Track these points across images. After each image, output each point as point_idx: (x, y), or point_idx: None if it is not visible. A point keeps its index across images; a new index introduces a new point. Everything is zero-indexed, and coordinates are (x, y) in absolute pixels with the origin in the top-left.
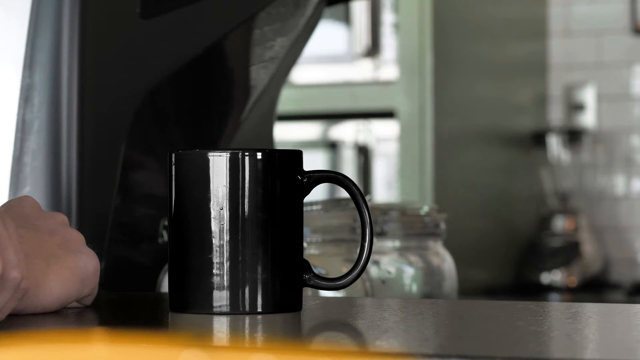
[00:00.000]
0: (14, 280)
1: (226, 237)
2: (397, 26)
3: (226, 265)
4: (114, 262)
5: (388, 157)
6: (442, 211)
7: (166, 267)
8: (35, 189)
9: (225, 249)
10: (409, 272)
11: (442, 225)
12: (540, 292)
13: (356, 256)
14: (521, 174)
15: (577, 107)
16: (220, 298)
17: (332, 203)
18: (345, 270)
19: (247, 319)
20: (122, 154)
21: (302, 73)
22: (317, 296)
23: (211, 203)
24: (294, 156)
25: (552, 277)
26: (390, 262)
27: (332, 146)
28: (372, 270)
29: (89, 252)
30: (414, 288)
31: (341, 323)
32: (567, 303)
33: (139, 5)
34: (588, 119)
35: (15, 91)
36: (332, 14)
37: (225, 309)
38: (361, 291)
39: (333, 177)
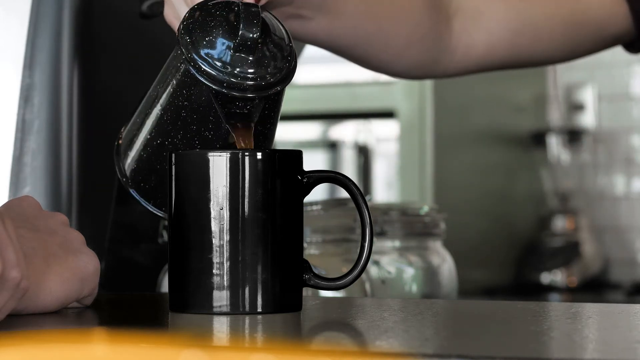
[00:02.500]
0: (14, 280)
1: (226, 237)
2: None
3: (226, 265)
4: (114, 262)
5: (388, 157)
6: (442, 211)
7: (166, 267)
8: (35, 189)
9: (225, 249)
10: (409, 272)
11: (442, 225)
12: (540, 292)
13: (356, 256)
14: (521, 174)
15: (577, 107)
16: (220, 298)
17: (332, 203)
18: (345, 270)
19: (247, 319)
20: None
21: (302, 73)
22: (317, 296)
23: (211, 203)
24: (294, 156)
25: (552, 277)
26: (390, 262)
27: (332, 146)
28: (372, 270)
29: (89, 252)
30: (414, 288)
31: (341, 323)
32: (567, 303)
33: (138, 5)
34: (588, 119)
35: (15, 91)
36: None
37: (225, 309)
38: (361, 291)
39: (333, 177)
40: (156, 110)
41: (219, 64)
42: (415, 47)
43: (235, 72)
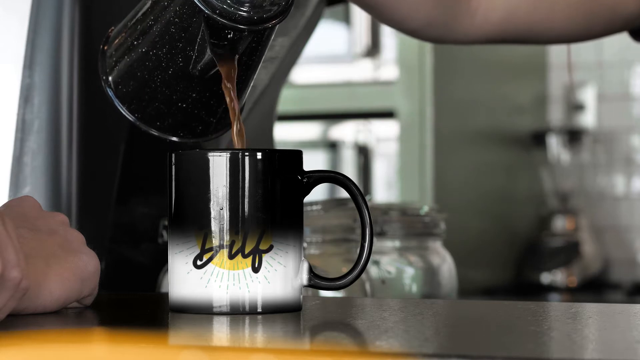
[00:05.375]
0: (14, 280)
1: (226, 237)
2: None
3: (226, 265)
4: (114, 262)
5: (388, 157)
6: (442, 211)
7: (166, 267)
8: (35, 189)
9: (225, 249)
10: (409, 272)
11: (442, 225)
12: (540, 292)
13: (356, 256)
14: (521, 174)
15: (577, 107)
16: (220, 298)
17: (332, 203)
18: (345, 270)
19: (247, 319)
20: (122, 154)
21: (302, 73)
22: (317, 296)
23: (211, 203)
24: (294, 156)
25: (552, 277)
26: (390, 262)
27: (332, 146)
28: (372, 270)
29: (89, 252)
30: (414, 288)
31: (341, 323)
32: (567, 303)
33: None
34: (588, 119)
35: (15, 91)
36: (332, 14)
37: (225, 309)
38: (361, 291)
39: (333, 177)
40: (147, 19)
41: None
42: (432, 2)
43: (230, 1)
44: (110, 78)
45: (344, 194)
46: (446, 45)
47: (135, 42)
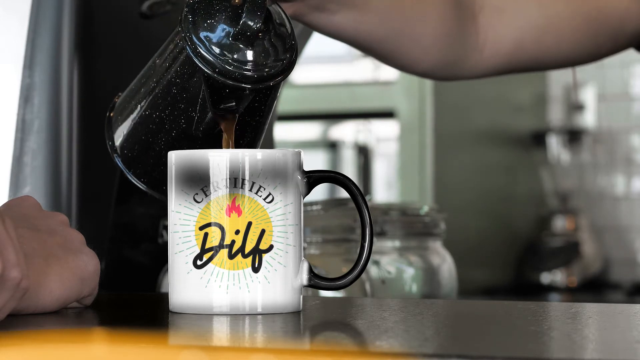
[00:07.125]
0: (14, 279)
1: (226, 237)
2: None
3: (226, 265)
4: (114, 262)
5: (388, 157)
6: (442, 211)
7: (166, 267)
8: (35, 189)
9: (225, 249)
10: (409, 272)
11: (442, 225)
12: (540, 292)
13: (356, 256)
14: (521, 174)
15: (577, 107)
16: (220, 298)
17: (332, 203)
18: (345, 270)
19: (247, 319)
20: None
21: (302, 73)
22: (317, 296)
23: (211, 203)
24: (294, 156)
25: (552, 277)
26: (390, 262)
27: (332, 146)
28: (372, 270)
29: (89, 252)
30: (414, 288)
31: (341, 323)
32: (567, 303)
33: (138, 5)
34: (588, 119)
35: (15, 91)
36: None
37: (225, 310)
38: (361, 291)
39: (333, 177)
40: (150, 82)
41: (216, 49)
42: (441, 43)
43: (230, 60)
44: (116, 144)
45: (344, 194)
46: None
47: (138, 105)
